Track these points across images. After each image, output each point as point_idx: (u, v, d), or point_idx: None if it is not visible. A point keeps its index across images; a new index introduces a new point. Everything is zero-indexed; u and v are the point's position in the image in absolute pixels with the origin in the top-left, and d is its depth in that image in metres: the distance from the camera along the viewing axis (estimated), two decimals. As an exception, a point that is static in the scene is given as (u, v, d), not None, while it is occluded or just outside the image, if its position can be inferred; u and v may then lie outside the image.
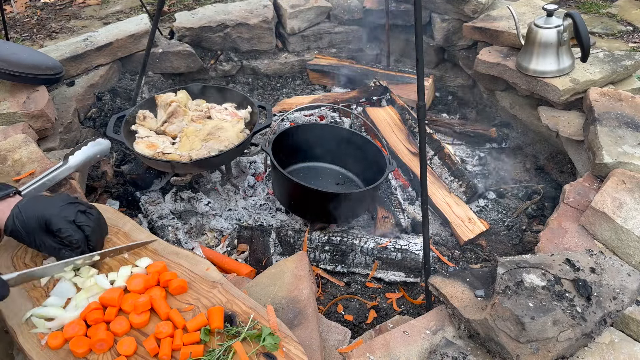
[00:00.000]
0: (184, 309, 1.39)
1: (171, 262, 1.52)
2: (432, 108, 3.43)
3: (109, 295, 1.40)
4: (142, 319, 1.37)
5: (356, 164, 2.64)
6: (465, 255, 2.41)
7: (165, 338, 1.31)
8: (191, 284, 1.45)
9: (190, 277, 1.47)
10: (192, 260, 1.53)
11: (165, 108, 2.79)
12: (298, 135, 2.60)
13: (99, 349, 1.31)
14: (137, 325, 1.37)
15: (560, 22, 2.55)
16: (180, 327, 1.33)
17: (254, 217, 2.56)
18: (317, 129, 2.67)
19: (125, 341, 1.31)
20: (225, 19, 3.55)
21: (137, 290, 1.43)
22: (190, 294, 1.43)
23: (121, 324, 1.36)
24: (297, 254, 1.79)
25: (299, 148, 2.63)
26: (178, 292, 1.44)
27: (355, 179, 2.66)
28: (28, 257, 1.56)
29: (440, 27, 3.43)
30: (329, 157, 2.69)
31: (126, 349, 1.29)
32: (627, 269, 1.63)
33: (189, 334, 1.31)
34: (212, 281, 1.45)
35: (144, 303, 1.38)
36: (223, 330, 1.32)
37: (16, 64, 2.56)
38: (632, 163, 2.06)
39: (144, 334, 1.35)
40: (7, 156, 2.18)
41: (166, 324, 1.34)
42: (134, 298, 1.40)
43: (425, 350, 1.55)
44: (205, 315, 1.35)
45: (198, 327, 1.32)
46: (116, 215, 1.71)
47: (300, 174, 2.64)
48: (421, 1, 1.68)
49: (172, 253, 1.55)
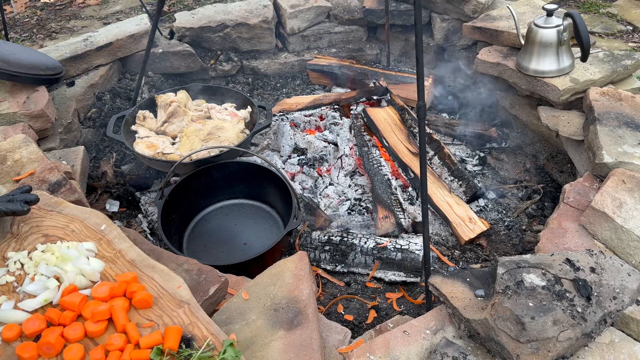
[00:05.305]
0: (144, 324, 1.34)
1: (144, 274, 1.48)
2: (432, 108, 3.43)
3: (70, 299, 1.36)
4: (99, 327, 1.32)
5: (270, 196, 2.51)
6: (465, 255, 2.41)
7: (114, 351, 1.26)
8: (157, 300, 1.40)
9: (159, 292, 1.42)
10: (166, 276, 1.48)
11: (165, 108, 2.80)
12: (206, 176, 2.47)
13: (46, 352, 1.27)
14: (91, 333, 1.31)
15: (560, 22, 2.55)
16: (133, 342, 1.28)
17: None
18: (223, 168, 2.50)
19: (74, 348, 1.27)
20: (225, 19, 3.55)
21: (102, 297, 1.39)
22: (154, 310, 1.38)
23: (75, 330, 1.31)
24: (297, 254, 1.79)
25: (212, 187, 2.51)
26: (141, 306, 1.38)
27: (273, 212, 2.52)
28: (9, 249, 1.57)
29: (440, 27, 3.43)
30: (244, 192, 2.56)
31: (72, 356, 1.25)
32: (627, 269, 1.63)
33: (140, 350, 1.26)
34: (179, 300, 1.40)
35: (103, 312, 1.33)
36: (176, 352, 1.26)
37: (16, 64, 2.56)
38: (632, 163, 2.06)
39: (96, 344, 1.31)
40: (7, 156, 2.18)
41: (119, 336, 1.29)
42: (95, 306, 1.35)
43: (425, 350, 1.55)
44: (161, 335, 1.30)
45: (151, 345, 1.26)
46: (105, 222, 1.68)
47: (218, 217, 2.51)
48: (421, 1, 1.68)
49: (147, 266, 1.51)
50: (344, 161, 2.80)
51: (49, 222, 1.67)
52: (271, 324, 1.56)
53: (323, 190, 2.69)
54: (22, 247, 1.58)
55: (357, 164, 2.80)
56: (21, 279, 1.48)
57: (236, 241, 2.39)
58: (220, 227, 2.46)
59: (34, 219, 1.68)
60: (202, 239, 2.41)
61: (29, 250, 1.57)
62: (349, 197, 2.66)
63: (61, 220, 1.68)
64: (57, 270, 1.47)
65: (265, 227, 2.45)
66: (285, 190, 2.30)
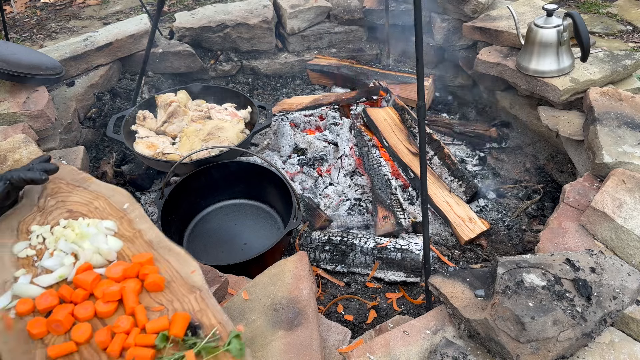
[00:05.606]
0: (154, 307, 1.34)
1: (160, 256, 1.48)
2: (432, 108, 3.43)
3: (83, 277, 1.37)
4: (108, 308, 1.32)
5: (270, 196, 2.51)
6: (465, 255, 2.41)
7: (120, 334, 1.26)
8: (170, 284, 1.40)
9: (172, 275, 1.42)
10: (181, 259, 1.48)
11: (165, 108, 2.80)
12: (206, 176, 2.46)
13: (55, 329, 1.27)
14: (101, 314, 1.32)
15: (560, 22, 2.55)
16: (140, 326, 1.28)
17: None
18: (223, 168, 2.49)
19: (82, 327, 1.27)
20: (225, 19, 3.55)
21: (115, 278, 1.39)
22: (165, 294, 1.38)
23: (86, 309, 1.31)
24: (297, 254, 1.79)
25: (212, 187, 2.50)
26: (153, 289, 1.38)
27: (273, 212, 2.51)
28: (34, 223, 1.58)
29: (440, 27, 3.43)
30: (244, 192, 2.55)
31: (80, 335, 1.25)
32: (627, 269, 1.63)
33: (145, 335, 1.26)
34: (192, 285, 1.40)
35: (114, 293, 1.33)
36: (181, 339, 1.25)
37: (16, 64, 2.56)
38: (632, 163, 2.06)
39: (104, 324, 1.31)
40: (7, 156, 2.18)
41: (127, 319, 1.29)
42: (107, 286, 1.36)
43: (425, 350, 1.55)
44: (168, 320, 1.29)
45: (157, 330, 1.26)
46: (129, 200, 1.69)
47: (218, 217, 2.50)
48: (421, 1, 1.68)
49: (164, 248, 1.51)
50: (344, 161, 2.80)
51: (74, 197, 1.69)
52: (271, 324, 1.56)
53: (323, 190, 2.69)
54: (46, 222, 1.60)
55: (357, 164, 2.80)
56: (41, 253, 1.50)
57: (236, 241, 2.39)
58: (220, 227, 2.46)
59: (61, 193, 1.69)
60: (202, 239, 2.41)
61: (52, 224, 1.58)
62: (349, 197, 2.66)
63: (86, 196, 1.69)
64: (75, 247, 1.49)
65: (265, 227, 2.45)
66: (285, 190, 2.30)
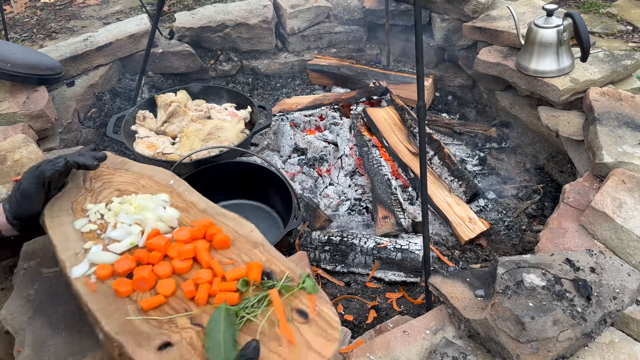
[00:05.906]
0: (225, 262, 1.43)
1: (218, 221, 1.57)
2: (432, 108, 3.43)
3: (155, 241, 1.45)
4: (185, 265, 1.41)
5: (270, 196, 2.48)
6: (465, 255, 2.41)
7: (203, 284, 1.35)
8: (234, 242, 1.49)
9: (234, 236, 1.51)
10: (238, 222, 1.57)
11: (165, 108, 2.80)
12: (206, 176, 2.42)
13: (140, 287, 1.35)
14: (179, 270, 1.40)
15: (560, 22, 2.55)
16: (219, 276, 1.38)
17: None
18: (223, 168, 2.47)
19: (166, 282, 1.35)
20: (225, 19, 3.55)
21: (183, 240, 1.48)
22: (232, 250, 1.47)
23: (164, 267, 1.40)
24: (297, 254, 1.80)
25: (212, 187, 2.36)
26: (221, 246, 1.47)
27: (273, 212, 2.48)
28: (87, 202, 1.62)
29: (440, 27, 3.43)
30: (244, 192, 2.52)
31: (166, 289, 1.34)
32: (627, 269, 1.63)
33: (227, 282, 1.35)
34: (254, 242, 1.49)
35: (188, 251, 1.42)
36: (259, 283, 1.35)
37: (16, 64, 2.56)
38: (632, 163, 2.06)
39: (184, 279, 1.39)
40: (7, 156, 2.18)
41: (206, 271, 1.38)
42: (179, 247, 1.45)
43: (425, 350, 1.55)
44: (245, 269, 1.39)
45: (236, 277, 1.36)
46: (173, 177, 1.75)
47: None
48: (421, 1, 1.69)
49: (219, 214, 1.59)
50: (344, 161, 2.80)
51: (118, 178, 1.72)
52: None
53: (323, 190, 2.69)
54: (98, 201, 1.63)
55: (357, 164, 2.80)
56: (103, 227, 1.53)
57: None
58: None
59: (104, 176, 1.73)
60: (202, 239, 2.41)
61: (106, 202, 1.62)
62: (349, 197, 2.66)
63: (130, 177, 1.73)
64: (138, 217, 1.53)
65: (265, 227, 2.45)
66: (285, 190, 2.30)
